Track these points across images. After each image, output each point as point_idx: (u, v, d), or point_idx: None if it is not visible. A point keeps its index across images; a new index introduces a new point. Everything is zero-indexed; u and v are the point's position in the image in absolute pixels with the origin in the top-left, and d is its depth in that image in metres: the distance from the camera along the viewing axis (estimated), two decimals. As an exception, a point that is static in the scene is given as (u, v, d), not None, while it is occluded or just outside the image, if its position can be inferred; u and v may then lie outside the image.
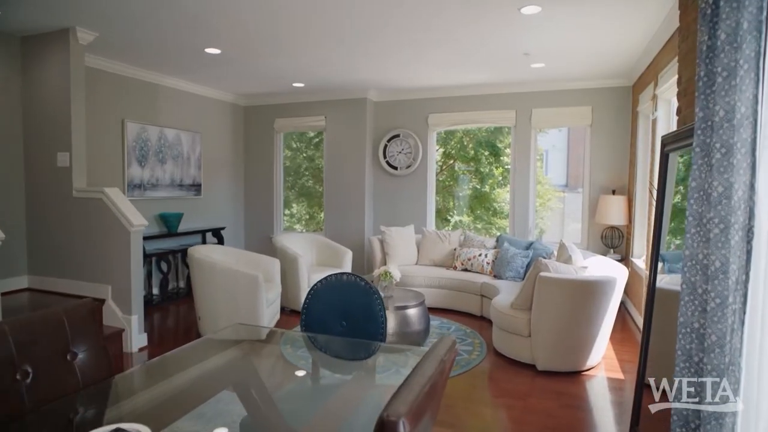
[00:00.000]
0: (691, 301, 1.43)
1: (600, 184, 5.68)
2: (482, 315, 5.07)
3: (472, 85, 6.04)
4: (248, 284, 4.14)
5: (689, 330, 1.43)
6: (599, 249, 5.65)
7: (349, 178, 6.71)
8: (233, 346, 2.31)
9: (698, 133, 1.41)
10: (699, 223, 1.40)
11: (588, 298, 3.36)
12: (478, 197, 8.45)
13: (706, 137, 1.38)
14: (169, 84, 6.00)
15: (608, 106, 5.59)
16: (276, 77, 5.85)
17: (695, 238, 1.41)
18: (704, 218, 1.37)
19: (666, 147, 2.29)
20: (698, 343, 1.39)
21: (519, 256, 5.01)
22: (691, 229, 1.43)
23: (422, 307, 4.19)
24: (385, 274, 4.19)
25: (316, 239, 5.91)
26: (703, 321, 1.37)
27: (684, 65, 2.39)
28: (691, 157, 1.45)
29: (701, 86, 1.39)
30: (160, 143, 5.99)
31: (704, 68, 1.38)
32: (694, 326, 1.41)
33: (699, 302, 1.39)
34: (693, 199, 1.42)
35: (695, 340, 1.40)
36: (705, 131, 1.38)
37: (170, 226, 6.00)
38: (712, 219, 1.32)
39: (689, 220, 1.44)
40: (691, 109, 2.17)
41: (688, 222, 1.45)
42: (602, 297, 3.37)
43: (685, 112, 2.27)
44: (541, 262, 3.52)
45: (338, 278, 2.31)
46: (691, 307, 1.43)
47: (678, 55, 2.65)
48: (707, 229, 1.35)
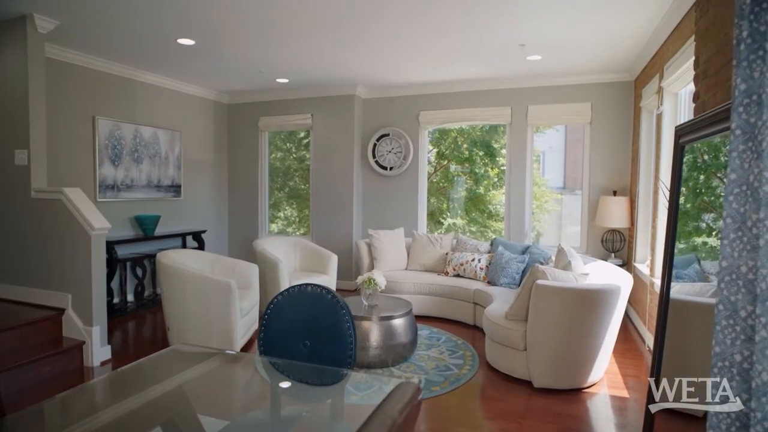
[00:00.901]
0: (731, 326, 1.12)
1: (600, 185, 5.38)
2: (475, 324, 4.75)
3: (466, 80, 5.73)
4: (220, 292, 3.81)
5: (728, 364, 1.12)
6: (599, 253, 5.34)
7: (336, 178, 6.39)
8: (179, 373, 1.97)
9: (739, 111, 1.11)
10: (741, 227, 1.09)
11: (589, 309, 3.05)
12: (473, 199, 8.14)
13: (751, 115, 1.07)
14: (146, 80, 5.67)
15: (609, 102, 5.29)
16: (257, 72, 5.53)
17: (736, 246, 1.10)
18: (749, 220, 1.07)
19: (681, 138, 1.98)
20: (741, 381, 1.08)
21: (514, 261, 4.70)
22: (730, 234, 1.12)
23: (409, 316, 3.87)
24: (368, 281, 3.87)
25: (300, 243, 5.59)
26: (749, 353, 1.06)
27: (703, 43, 2.09)
28: (729, 143, 1.13)
29: (743, 51, 1.09)
30: (135, 142, 5.65)
31: (747, 27, 1.07)
32: (735, 359, 1.10)
33: (742, 328, 1.08)
34: (732, 196, 1.11)
35: (737, 376, 1.09)
36: (749, 108, 1.08)
37: (146, 229, 5.66)
38: (762, 221, 1.01)
39: (727, 222, 1.13)
40: (713, 92, 1.86)
41: (725, 225, 1.14)
42: (605, 307, 3.05)
43: (705, 97, 1.97)
44: (538, 269, 3.21)
45: (301, 290, 1.98)
46: (731, 335, 1.11)
47: (695, 34, 2.35)
48: (754, 235, 1.05)
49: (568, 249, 3.75)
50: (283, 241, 5.57)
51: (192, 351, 2.04)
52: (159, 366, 1.96)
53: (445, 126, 6.34)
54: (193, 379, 1.88)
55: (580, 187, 10.29)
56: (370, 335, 3.63)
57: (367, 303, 3.94)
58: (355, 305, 3.97)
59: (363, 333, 3.62)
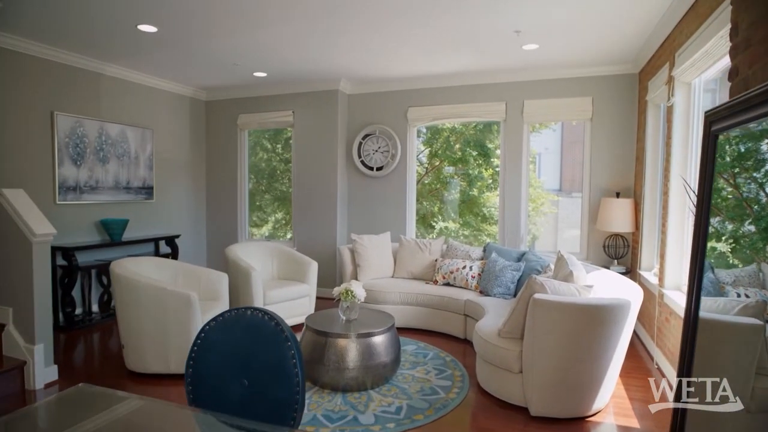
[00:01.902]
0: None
1: (602, 186, 4.99)
2: (466, 337, 4.35)
3: (457, 73, 5.34)
4: (179, 306, 3.40)
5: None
6: (601, 260, 4.95)
7: (319, 179, 5.98)
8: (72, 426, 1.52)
9: None
10: None
11: (595, 328, 2.65)
12: (466, 201, 7.75)
13: None
14: (112, 73, 5.25)
15: (611, 96, 4.91)
16: (231, 65, 5.12)
17: None
18: None
19: (714, 126, 1.59)
20: None
21: (509, 269, 4.29)
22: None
23: (391, 332, 3.46)
24: (346, 293, 3.46)
25: (278, 249, 5.17)
26: None
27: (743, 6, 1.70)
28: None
29: None
30: (100, 140, 5.23)
31: None
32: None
33: None
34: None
35: None
36: None
37: (113, 234, 5.24)
38: None
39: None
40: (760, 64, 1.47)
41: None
42: (613, 326, 2.65)
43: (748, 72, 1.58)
44: (536, 282, 2.81)
45: (238, 316, 1.58)
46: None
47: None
48: None
49: (568, 257, 3.36)
50: (259, 247, 5.15)
51: (101, 392, 1.63)
52: (53, 415, 1.53)
53: (435, 123, 5.95)
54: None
55: (578, 189, 9.92)
56: (347, 354, 3.22)
57: (345, 317, 3.53)
58: (332, 319, 3.56)
59: (339, 352, 3.21)
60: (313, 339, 3.33)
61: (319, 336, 3.30)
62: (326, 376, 3.22)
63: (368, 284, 4.79)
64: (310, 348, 3.32)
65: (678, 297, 3.31)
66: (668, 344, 3.42)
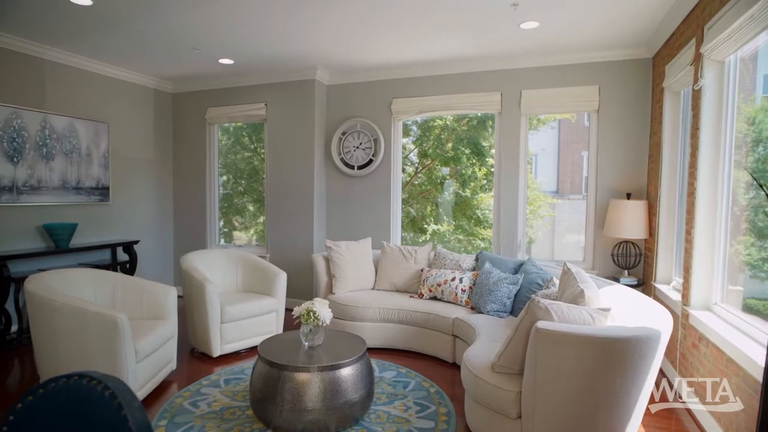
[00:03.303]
0: None
1: (610, 186, 4.41)
2: (455, 361, 3.75)
3: (447, 60, 4.76)
4: (103, 330, 2.79)
5: None
6: (609, 269, 4.37)
7: (295, 179, 5.38)
8: None
9: None
10: None
11: (616, 366, 2.05)
12: (459, 203, 7.16)
13: None
14: (55, 58, 4.64)
15: (621, 84, 4.33)
16: (190, 49, 4.52)
17: None
18: None
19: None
20: None
21: (504, 282, 3.70)
22: None
23: (363, 362, 2.86)
24: (307, 314, 2.85)
25: (244, 258, 4.56)
26: None
27: None
28: None
29: None
30: (43, 134, 4.62)
31: None
32: None
33: None
34: None
35: None
36: None
37: (58, 240, 4.62)
38: None
39: None
40: None
41: None
42: (639, 363, 2.06)
43: None
44: (539, 305, 2.21)
45: (59, 389, 0.97)
46: None
47: None
48: None
49: (576, 271, 2.77)
50: (222, 255, 4.54)
51: None
52: None
53: (422, 116, 5.36)
54: None
55: (577, 192, 9.33)
56: (307, 392, 2.61)
57: (307, 344, 2.93)
58: (292, 345, 2.96)
59: (296, 389, 2.61)
60: (265, 372, 2.72)
61: (272, 369, 2.69)
62: (279, 418, 2.61)
63: (344, 298, 4.19)
64: (262, 383, 2.71)
65: (709, 319, 2.73)
66: (696, 375, 2.84)
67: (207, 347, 3.83)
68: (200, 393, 3.20)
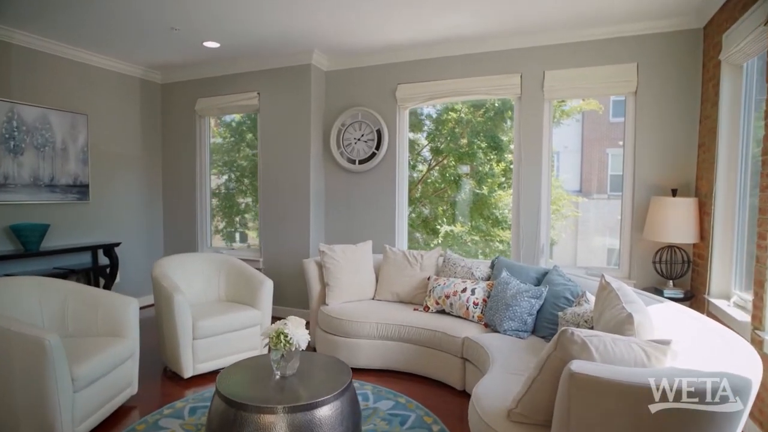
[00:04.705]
0: None
1: (651, 181, 3.75)
2: (464, 389, 3.16)
3: (458, 38, 4.17)
4: (29, 355, 2.29)
5: None
6: (649, 279, 3.71)
7: (290, 175, 4.85)
8: None
9: None
10: None
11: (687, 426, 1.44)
12: (475, 202, 6.53)
13: None
14: (24, 42, 4.20)
15: (663, 61, 3.67)
16: (168, 30, 4.02)
17: None
18: None
19: None
20: None
21: (525, 295, 3.09)
22: None
23: (345, 398, 2.29)
24: (276, 337, 2.30)
25: (228, 263, 4.05)
26: None
27: None
28: None
29: None
30: (10, 125, 4.19)
31: None
32: None
33: None
34: None
35: None
36: None
37: (27, 242, 4.19)
38: None
39: None
40: None
41: None
42: (721, 423, 1.44)
43: None
44: (572, 338, 1.61)
45: None
46: None
47: None
48: None
49: (618, 286, 2.15)
50: (204, 260, 4.04)
51: None
52: None
53: (431, 103, 4.77)
54: None
55: (603, 191, 8.56)
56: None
57: (279, 373, 2.38)
58: (260, 374, 2.42)
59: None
60: (221, 410, 2.18)
61: (228, 407, 2.15)
62: (236, 471, 2.07)
63: (337, 310, 3.64)
64: (217, 424, 2.17)
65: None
66: (774, 422, 2.19)
67: (178, 367, 3.32)
68: (158, 426, 2.69)
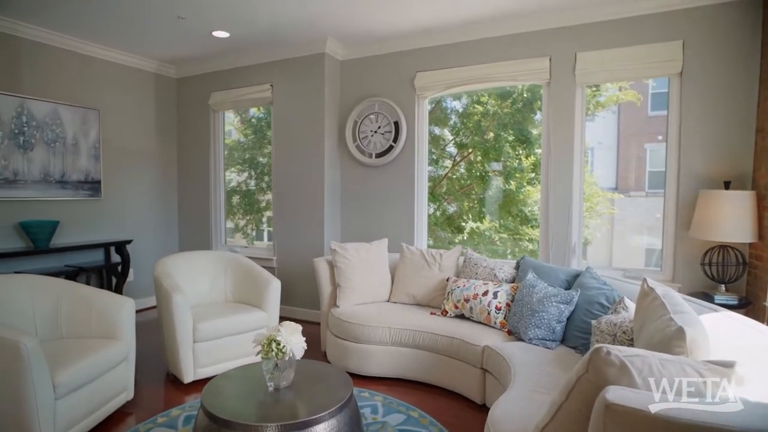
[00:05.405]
0: None
1: (699, 172, 3.34)
2: (485, 402, 2.84)
3: (481, 20, 3.86)
4: (3, 359, 2.12)
5: None
6: (696, 282, 3.30)
7: (303, 169, 4.63)
8: None
9: None
10: None
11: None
12: (502, 198, 6.16)
13: None
14: (32, 36, 4.12)
15: (713, 37, 3.26)
16: (175, 18, 3.85)
17: None
18: None
19: None
20: None
21: (553, 300, 2.75)
22: None
23: (345, 413, 2.03)
24: (268, 345, 2.06)
25: (235, 261, 3.85)
26: None
27: None
28: None
29: None
30: (19, 121, 4.11)
31: None
32: None
33: None
34: None
35: None
36: None
37: (36, 239, 4.11)
38: None
39: None
40: None
41: None
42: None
43: None
44: (609, 359, 1.29)
45: None
46: None
47: None
48: None
49: (665, 292, 1.80)
50: (210, 258, 3.85)
51: None
52: None
53: (451, 92, 4.44)
54: None
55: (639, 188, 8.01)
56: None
57: (272, 385, 2.14)
58: (252, 386, 2.19)
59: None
60: (204, 426, 1.95)
61: (212, 423, 1.92)
62: (218, 497, 1.84)
63: (348, 313, 3.39)
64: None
65: None
66: None
67: (178, 371, 3.14)
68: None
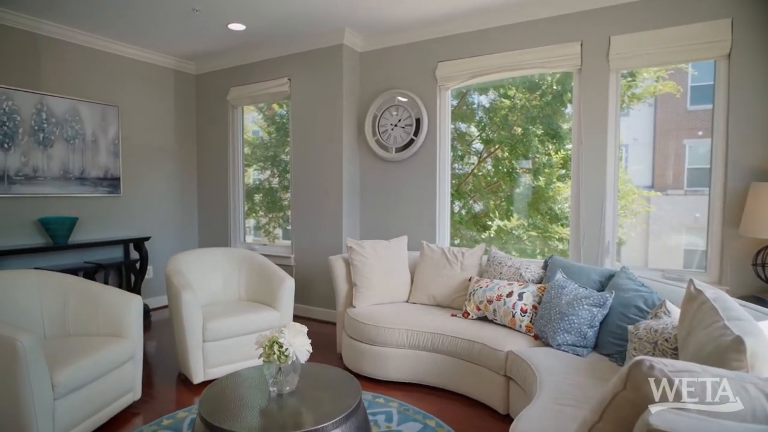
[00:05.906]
0: None
1: (750, 164, 3.03)
2: (508, 413, 2.63)
3: (506, 5, 3.63)
4: (1, 357, 2.04)
5: None
6: (745, 283, 3.00)
7: (322, 165, 4.50)
8: None
9: None
10: None
11: None
12: (531, 195, 5.88)
13: None
14: (51, 33, 4.12)
15: (766, 14, 2.95)
16: (189, 11, 3.77)
17: None
18: None
19: None
20: None
21: (585, 303, 2.52)
22: None
23: (352, 422, 1.86)
24: (269, 347, 1.91)
25: (249, 259, 3.74)
26: None
27: None
28: None
29: None
30: (39, 117, 4.12)
31: None
32: None
33: None
34: None
35: None
36: None
37: (55, 235, 4.11)
38: None
39: None
40: None
41: None
42: None
43: None
44: (652, 372, 1.08)
45: None
46: None
47: None
48: None
49: (715, 296, 1.56)
50: (224, 255, 3.74)
51: None
52: None
53: (475, 82, 4.21)
54: None
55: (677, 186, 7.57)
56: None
57: (275, 390, 1.99)
58: (253, 391, 2.04)
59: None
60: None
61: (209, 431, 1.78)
62: None
63: (364, 314, 3.22)
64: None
65: None
66: None
67: (187, 371, 3.04)
68: (152, 441, 2.39)
